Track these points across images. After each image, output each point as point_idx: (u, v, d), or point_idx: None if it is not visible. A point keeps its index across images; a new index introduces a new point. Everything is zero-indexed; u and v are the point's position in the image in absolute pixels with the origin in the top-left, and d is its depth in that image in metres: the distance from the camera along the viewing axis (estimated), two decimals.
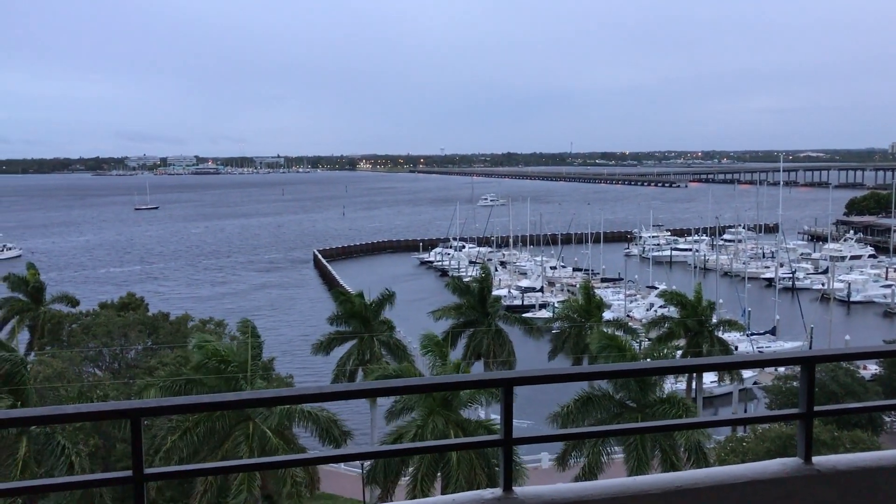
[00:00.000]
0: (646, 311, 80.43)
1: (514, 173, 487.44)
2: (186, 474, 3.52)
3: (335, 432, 30.91)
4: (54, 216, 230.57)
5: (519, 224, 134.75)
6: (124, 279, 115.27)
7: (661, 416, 33.14)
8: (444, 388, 3.78)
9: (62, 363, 40.39)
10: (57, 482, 3.76)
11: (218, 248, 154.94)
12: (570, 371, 4.40)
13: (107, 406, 3.50)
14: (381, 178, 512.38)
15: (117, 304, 55.43)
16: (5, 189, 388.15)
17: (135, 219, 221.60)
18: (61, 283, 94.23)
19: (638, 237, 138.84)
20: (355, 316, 49.21)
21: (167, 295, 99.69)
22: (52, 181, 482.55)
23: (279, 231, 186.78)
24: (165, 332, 48.81)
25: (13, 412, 3.45)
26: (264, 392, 3.68)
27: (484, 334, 50.79)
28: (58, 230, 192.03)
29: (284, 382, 44.02)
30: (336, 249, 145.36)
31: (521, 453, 33.96)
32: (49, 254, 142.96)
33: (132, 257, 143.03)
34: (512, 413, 3.99)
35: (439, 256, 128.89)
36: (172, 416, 27.44)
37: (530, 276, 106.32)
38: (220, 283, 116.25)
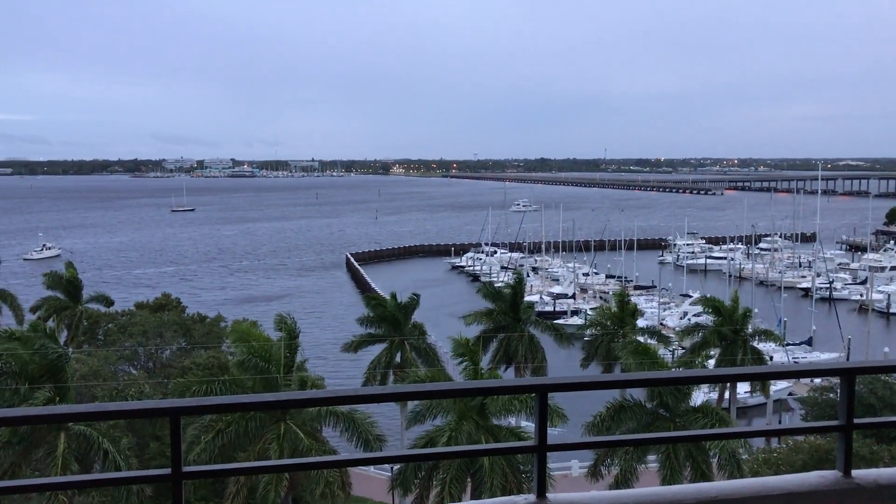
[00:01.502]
0: (679, 320, 79.60)
1: (547, 179, 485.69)
2: (224, 473, 3.57)
3: (368, 435, 30.99)
4: (93, 217, 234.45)
5: (551, 230, 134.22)
6: (158, 280, 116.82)
7: (695, 425, 32.77)
8: (479, 392, 3.78)
9: (98, 361, 41.04)
10: (98, 478, 3.82)
11: (251, 251, 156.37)
12: (605, 379, 4.41)
13: (147, 404, 3.56)
14: (413, 182, 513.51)
15: (153, 305, 56.15)
16: (46, 190, 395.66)
17: (171, 220, 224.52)
18: (98, 283, 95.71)
19: (672, 245, 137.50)
20: (386, 319, 49.37)
21: (200, 296, 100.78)
22: (92, 182, 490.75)
23: (312, 234, 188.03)
24: (200, 332, 49.36)
25: (58, 408, 3.53)
26: (302, 393, 3.71)
27: (517, 341, 50.61)
28: (96, 230, 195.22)
29: (316, 384, 44.24)
30: (368, 253, 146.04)
31: (551, 460, 33.76)
32: (86, 254, 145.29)
33: (167, 258, 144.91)
34: (547, 419, 3.99)
35: (471, 261, 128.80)
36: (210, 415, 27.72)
37: (562, 282, 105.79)
38: (252, 286, 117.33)
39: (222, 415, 28.52)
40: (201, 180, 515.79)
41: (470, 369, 34.16)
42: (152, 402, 3.62)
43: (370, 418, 32.37)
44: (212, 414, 27.16)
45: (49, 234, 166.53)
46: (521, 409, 33.38)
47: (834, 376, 4.30)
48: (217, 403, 3.34)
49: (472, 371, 33.72)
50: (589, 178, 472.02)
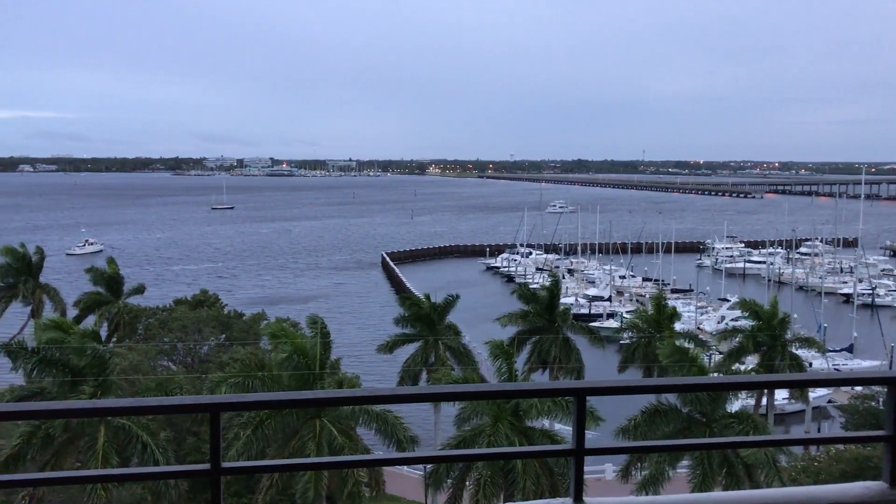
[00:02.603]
0: (717, 324, 78.61)
1: (584, 180, 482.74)
2: (262, 469, 3.61)
3: (400, 435, 31.08)
4: (134, 213, 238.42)
5: (588, 232, 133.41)
6: (196, 277, 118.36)
7: (731, 431, 32.35)
8: (517, 395, 3.78)
9: (138, 356, 41.72)
10: (138, 472, 3.87)
11: (287, 249, 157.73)
12: (644, 383, 4.37)
13: (187, 400, 3.60)
14: (449, 182, 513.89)
15: (192, 301, 56.92)
16: (89, 187, 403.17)
17: (210, 218, 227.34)
18: (139, 279, 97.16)
19: (710, 248, 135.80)
20: (421, 319, 49.47)
21: (237, 294, 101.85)
22: (134, 180, 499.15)
23: (348, 233, 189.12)
24: (238, 329, 49.92)
25: (101, 402, 3.58)
26: (339, 392, 3.73)
27: (552, 343, 50.37)
28: (137, 227, 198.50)
29: (351, 383, 44.50)
30: (404, 253, 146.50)
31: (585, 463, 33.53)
32: (127, 250, 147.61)
33: (205, 255, 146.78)
34: (584, 423, 3.97)
35: (506, 262, 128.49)
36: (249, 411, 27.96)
37: (598, 284, 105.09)
38: (288, 284, 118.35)
39: (259, 411, 28.81)
40: (241, 178, 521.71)
41: (504, 371, 34.09)
42: (192, 397, 3.66)
43: (402, 419, 32.46)
44: (251, 410, 27.42)
45: (91, 230, 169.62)
46: (556, 410, 33.26)
47: (880, 385, 4.21)
48: (256, 400, 3.37)
49: (506, 373, 33.64)
50: (627, 180, 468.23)
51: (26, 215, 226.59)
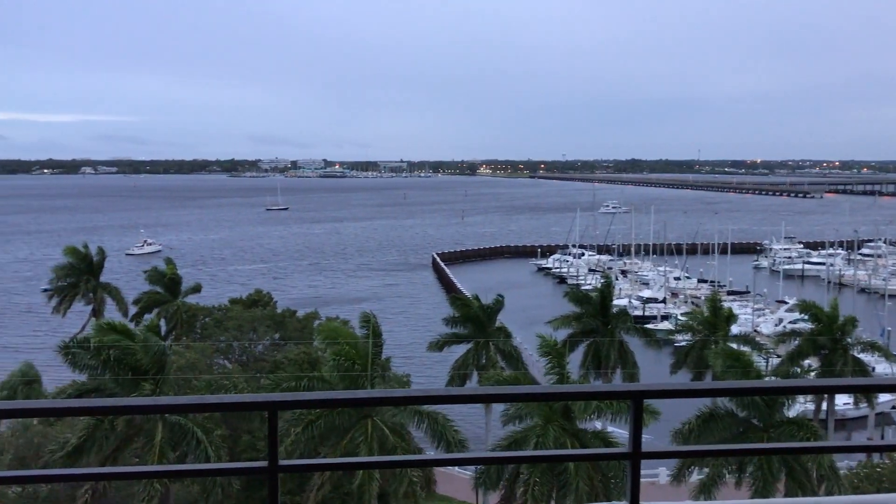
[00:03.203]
0: (774, 327, 76.94)
1: (638, 180, 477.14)
2: (319, 468, 3.63)
3: (449, 437, 31.11)
4: (191, 214, 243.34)
5: (641, 232, 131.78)
6: (250, 277, 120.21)
7: (789, 437, 31.62)
8: (574, 397, 3.74)
9: (195, 354, 42.55)
10: (196, 468, 3.95)
11: (339, 250, 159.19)
12: (701, 386, 4.30)
13: (246, 398, 3.65)
14: (500, 183, 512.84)
15: (247, 300, 57.83)
16: (148, 188, 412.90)
17: (264, 219, 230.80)
18: (195, 279, 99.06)
19: (768, 249, 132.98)
20: (471, 319, 49.46)
21: (290, 293, 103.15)
22: (191, 182, 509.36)
23: (399, 234, 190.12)
24: (292, 328, 50.57)
25: (161, 400, 3.66)
26: (394, 392, 3.74)
27: (608, 345, 49.83)
28: (194, 228, 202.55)
29: (402, 382, 44.72)
30: (454, 253, 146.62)
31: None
32: (183, 250, 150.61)
33: (259, 256, 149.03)
34: (641, 426, 3.92)
35: (557, 263, 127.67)
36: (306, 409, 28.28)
37: (652, 286, 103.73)
38: (340, 284, 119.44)
39: (310, 410, 29.10)
40: (294, 180, 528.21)
41: (556, 373, 33.86)
42: (251, 395, 3.71)
43: (452, 420, 32.47)
44: (308, 409, 27.73)
45: (149, 230, 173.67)
46: (608, 411, 32.95)
47: None
48: (313, 399, 3.40)
49: (559, 375, 33.41)
50: (681, 180, 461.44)
51: (87, 216, 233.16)
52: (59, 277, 66.46)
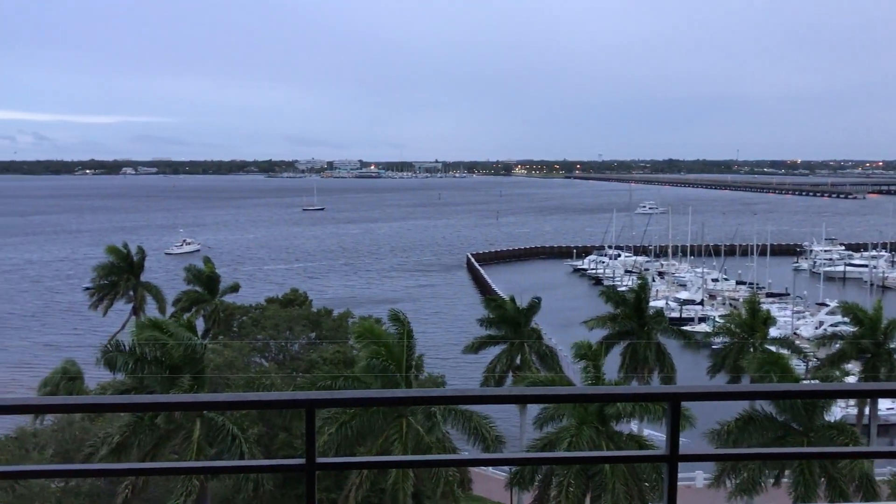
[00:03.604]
0: (814, 330, 75.64)
1: (675, 181, 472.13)
2: (356, 466, 3.65)
3: (486, 434, 31.07)
4: (229, 214, 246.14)
5: (679, 233, 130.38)
6: (286, 276, 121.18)
7: (829, 442, 31.08)
8: (610, 399, 3.72)
9: (232, 353, 43.03)
10: (235, 465, 4.00)
11: (373, 250, 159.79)
12: (740, 389, 4.25)
13: (284, 395, 3.69)
14: (535, 183, 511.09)
15: (283, 300, 58.34)
16: (187, 188, 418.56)
17: (300, 219, 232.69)
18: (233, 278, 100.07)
19: (808, 251, 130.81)
20: (506, 321, 49.37)
21: (325, 293, 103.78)
22: (229, 182, 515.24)
23: (434, 234, 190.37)
24: (327, 327, 50.92)
25: (201, 396, 3.71)
26: (430, 391, 3.75)
27: (644, 347, 49.39)
28: (231, 227, 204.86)
29: (436, 383, 44.78)
30: (489, 254, 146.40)
31: None
32: (221, 250, 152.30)
33: (294, 255, 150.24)
34: (679, 429, 3.88)
35: (593, 264, 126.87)
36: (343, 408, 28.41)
37: (690, 287, 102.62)
38: (375, 284, 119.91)
39: (345, 409, 29.25)
40: (330, 180, 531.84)
41: (592, 375, 33.66)
42: (288, 393, 3.75)
43: (488, 419, 32.42)
44: (346, 407, 27.87)
45: (187, 230, 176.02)
46: (643, 414, 32.68)
47: None
48: (351, 397, 3.42)
49: (594, 376, 33.21)
50: (720, 180, 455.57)
51: (128, 216, 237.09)
52: (100, 276, 67.64)
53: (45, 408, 3.84)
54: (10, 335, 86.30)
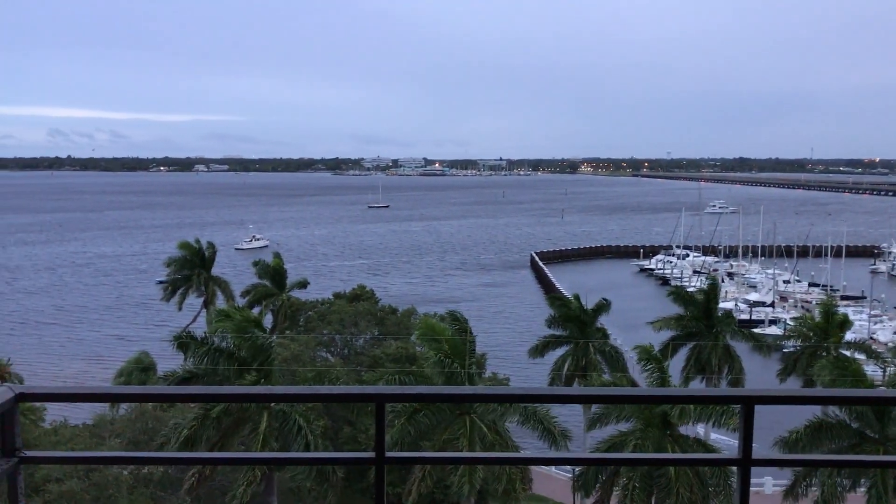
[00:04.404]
0: (893, 335, 73.02)
1: (746, 179, 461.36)
2: (425, 461, 3.69)
3: (553, 429, 30.90)
4: (297, 211, 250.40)
5: (749, 233, 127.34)
6: (351, 272, 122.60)
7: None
8: (681, 400, 3.67)
9: (298, 346, 43.80)
10: (305, 456, 4.08)
11: (437, 248, 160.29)
12: (816, 393, 4.14)
13: (354, 389, 3.75)
14: (601, 181, 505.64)
15: (349, 295, 59.07)
16: (256, 186, 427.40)
17: (365, 216, 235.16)
18: (298, 273, 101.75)
19: (886, 252, 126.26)
20: (571, 320, 49.00)
21: (389, 290, 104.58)
22: (297, 179, 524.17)
23: (497, 232, 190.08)
24: (391, 323, 51.37)
25: (274, 389, 3.80)
26: (498, 389, 3.77)
27: (711, 349, 48.40)
28: (298, 224, 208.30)
29: (499, 382, 44.78)
30: (553, 253, 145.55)
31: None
32: (288, 246, 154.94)
33: (358, 252, 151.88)
34: (752, 432, 3.82)
35: (660, 264, 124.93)
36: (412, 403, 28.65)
37: (760, 289, 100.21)
38: (437, 282, 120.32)
39: (412, 403, 29.47)
40: (395, 178, 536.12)
41: (656, 377, 33.16)
42: (359, 387, 3.81)
43: (554, 416, 32.23)
44: (414, 403, 28.10)
45: (256, 226, 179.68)
46: (710, 418, 32.05)
47: None
48: (420, 393, 3.46)
49: (658, 379, 32.72)
50: (793, 179, 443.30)
51: (199, 212, 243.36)
52: (174, 270, 69.54)
53: (129, 397, 3.99)
54: (84, 327, 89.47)
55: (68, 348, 79.49)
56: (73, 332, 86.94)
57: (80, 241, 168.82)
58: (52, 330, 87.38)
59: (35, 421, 37.23)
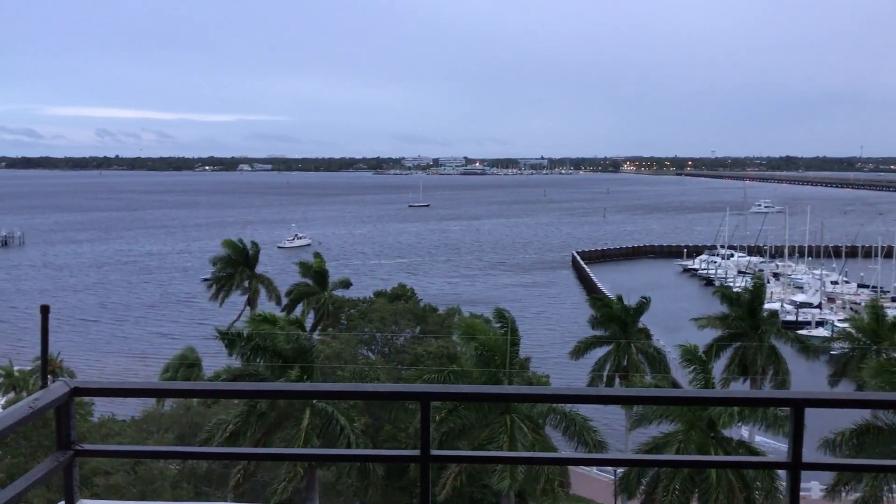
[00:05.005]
0: None
1: (792, 178, 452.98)
2: (469, 459, 3.71)
3: (588, 438, 30.68)
4: (337, 210, 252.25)
5: (796, 233, 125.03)
6: (391, 271, 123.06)
7: None
8: (730, 402, 3.63)
9: (340, 344, 44.12)
10: (352, 453, 4.12)
11: (476, 247, 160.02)
12: (869, 397, 4.09)
13: (400, 387, 3.77)
14: (644, 180, 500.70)
15: (389, 294, 59.35)
16: (299, 185, 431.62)
17: (405, 215, 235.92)
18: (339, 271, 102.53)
19: None
20: (613, 320, 48.61)
21: (428, 290, 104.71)
22: (339, 179, 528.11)
23: (538, 231, 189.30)
24: (432, 322, 51.48)
25: (321, 386, 3.85)
26: (543, 389, 3.76)
27: (756, 350, 47.61)
28: (339, 223, 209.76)
29: (540, 382, 44.56)
30: (595, 252, 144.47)
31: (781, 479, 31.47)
32: (329, 244, 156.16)
33: (398, 251, 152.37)
34: (802, 435, 3.77)
35: (704, 264, 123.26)
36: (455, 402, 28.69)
37: (807, 290, 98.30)
38: (477, 281, 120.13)
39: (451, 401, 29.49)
40: (436, 177, 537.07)
41: (700, 378, 32.71)
42: (404, 385, 3.85)
43: (590, 421, 32.00)
44: (459, 402, 28.12)
45: (300, 225, 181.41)
46: (752, 420, 31.54)
47: None
48: (466, 392, 3.47)
49: (702, 380, 32.28)
50: (841, 178, 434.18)
51: (242, 211, 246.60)
52: (219, 269, 70.55)
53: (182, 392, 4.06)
54: (128, 325, 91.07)
55: (112, 345, 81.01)
56: (117, 329, 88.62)
57: (125, 240, 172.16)
58: (97, 327, 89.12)
59: (84, 416, 38.07)
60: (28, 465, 30.22)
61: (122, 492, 28.71)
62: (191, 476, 33.04)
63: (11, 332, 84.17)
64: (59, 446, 3.62)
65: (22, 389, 47.06)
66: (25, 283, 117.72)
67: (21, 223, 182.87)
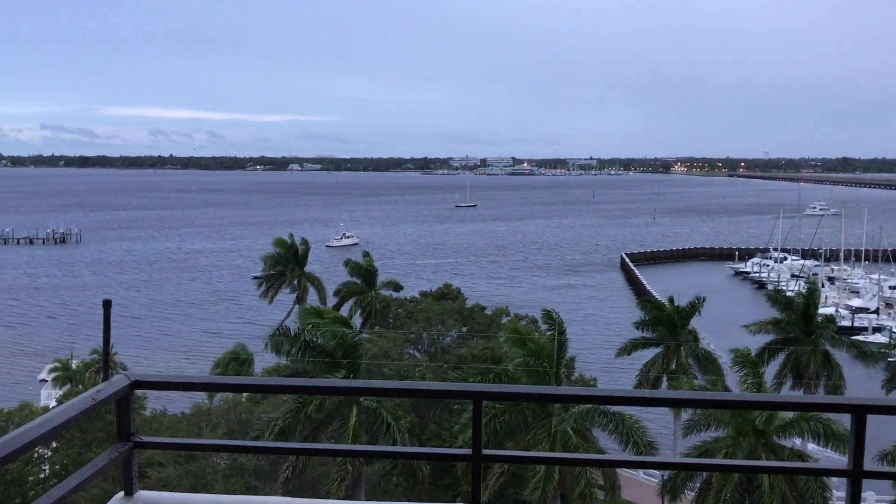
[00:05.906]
0: None
1: (849, 180, 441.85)
2: (519, 460, 3.70)
3: (638, 439, 30.35)
4: (384, 210, 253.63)
5: (852, 236, 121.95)
6: (437, 271, 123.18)
7: None
8: (789, 407, 3.55)
9: (387, 343, 44.35)
10: (403, 451, 4.14)
11: (522, 248, 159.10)
12: None
13: (453, 386, 3.76)
14: (695, 181, 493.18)
15: (436, 294, 59.44)
16: (348, 185, 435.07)
17: (452, 215, 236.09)
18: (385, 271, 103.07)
19: None
20: (662, 323, 48.00)
21: (475, 290, 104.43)
22: (387, 179, 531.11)
23: (586, 233, 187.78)
24: (478, 322, 51.43)
25: (373, 383, 3.87)
26: (595, 390, 3.73)
27: (810, 355, 46.50)
28: (386, 222, 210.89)
29: (587, 384, 44.18)
30: (644, 254, 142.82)
31: (839, 488, 30.77)
32: (377, 243, 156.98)
33: (444, 251, 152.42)
34: (864, 443, 3.67)
35: (756, 267, 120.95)
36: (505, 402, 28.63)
37: (863, 295, 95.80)
38: (524, 282, 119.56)
39: (496, 402, 29.45)
40: (483, 178, 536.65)
41: (751, 383, 32.12)
42: (457, 384, 3.83)
43: (640, 422, 31.63)
44: (512, 402, 28.07)
45: (348, 224, 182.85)
46: (808, 428, 30.85)
47: None
48: (519, 392, 3.46)
49: (754, 385, 31.68)
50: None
51: (292, 210, 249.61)
52: (269, 266, 71.40)
53: (240, 387, 4.13)
54: (177, 322, 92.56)
55: (162, 342, 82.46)
56: (167, 326, 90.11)
57: (177, 238, 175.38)
58: (148, 323, 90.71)
59: (137, 409, 38.92)
60: (82, 457, 30.99)
61: (172, 484, 29.26)
62: (241, 472, 33.51)
63: (64, 327, 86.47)
64: (119, 438, 3.69)
65: (78, 383, 48.29)
66: (79, 279, 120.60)
67: (78, 220, 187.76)
